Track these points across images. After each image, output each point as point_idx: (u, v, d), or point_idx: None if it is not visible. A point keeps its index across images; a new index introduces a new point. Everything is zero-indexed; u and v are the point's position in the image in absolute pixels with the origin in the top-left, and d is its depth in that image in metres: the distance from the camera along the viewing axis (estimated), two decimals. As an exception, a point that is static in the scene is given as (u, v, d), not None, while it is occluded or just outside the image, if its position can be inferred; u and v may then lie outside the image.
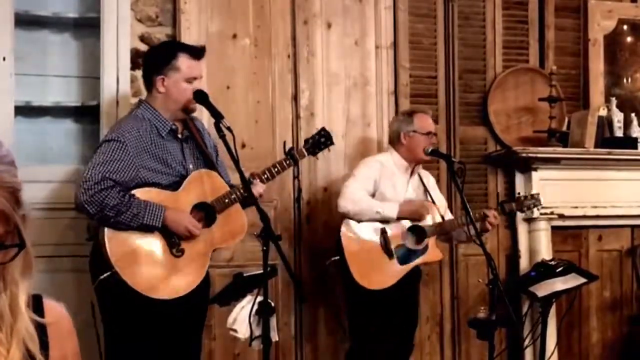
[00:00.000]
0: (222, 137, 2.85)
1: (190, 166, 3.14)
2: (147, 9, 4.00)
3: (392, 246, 3.71)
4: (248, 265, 3.85)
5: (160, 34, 3.99)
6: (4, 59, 3.59)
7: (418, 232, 3.78)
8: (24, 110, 3.77)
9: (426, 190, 3.91)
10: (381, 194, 3.78)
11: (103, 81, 3.74)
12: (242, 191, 3.10)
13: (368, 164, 3.85)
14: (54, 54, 3.87)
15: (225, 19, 4.05)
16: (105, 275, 2.92)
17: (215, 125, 2.87)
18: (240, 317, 3.04)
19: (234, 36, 4.07)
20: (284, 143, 3.46)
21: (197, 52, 3.18)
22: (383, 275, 3.68)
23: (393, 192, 3.80)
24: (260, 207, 2.84)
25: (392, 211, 3.71)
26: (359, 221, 3.70)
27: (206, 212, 3.10)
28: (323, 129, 3.53)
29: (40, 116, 3.86)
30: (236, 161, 2.83)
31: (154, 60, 3.20)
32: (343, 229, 3.70)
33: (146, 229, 2.94)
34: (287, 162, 3.30)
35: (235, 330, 3.07)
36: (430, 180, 4.02)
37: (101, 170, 2.91)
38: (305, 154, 3.42)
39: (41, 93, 3.83)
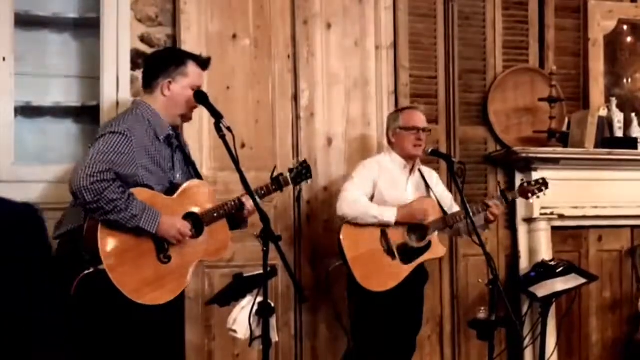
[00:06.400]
0: (222, 137, 2.84)
1: (178, 175, 3.12)
2: (147, 9, 4.00)
3: (394, 246, 3.68)
4: (248, 265, 3.85)
5: (160, 34, 4.00)
6: (4, 59, 3.59)
7: (420, 229, 3.76)
8: (24, 110, 3.77)
9: (428, 187, 3.89)
10: (380, 194, 3.76)
11: (103, 81, 3.74)
12: (232, 204, 3.12)
13: (366, 165, 3.83)
14: (54, 54, 3.88)
15: (225, 19, 4.05)
16: (89, 271, 2.84)
17: (215, 125, 2.86)
18: (240, 318, 3.04)
19: (234, 36, 4.07)
20: (274, 168, 3.45)
21: (204, 63, 3.19)
22: (386, 276, 3.66)
23: (392, 192, 3.78)
24: (261, 207, 2.83)
25: (390, 216, 3.67)
26: (357, 225, 3.67)
27: (194, 223, 3.09)
28: (304, 161, 3.53)
29: (40, 116, 3.86)
30: (236, 161, 2.82)
31: (162, 63, 3.15)
32: (342, 234, 3.67)
33: (139, 231, 2.90)
34: (273, 187, 3.32)
35: (235, 331, 3.07)
36: (433, 176, 3.98)
37: (106, 159, 2.84)
38: (290, 182, 3.41)
39: (41, 93, 3.83)
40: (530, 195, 3.86)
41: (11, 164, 3.61)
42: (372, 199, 3.76)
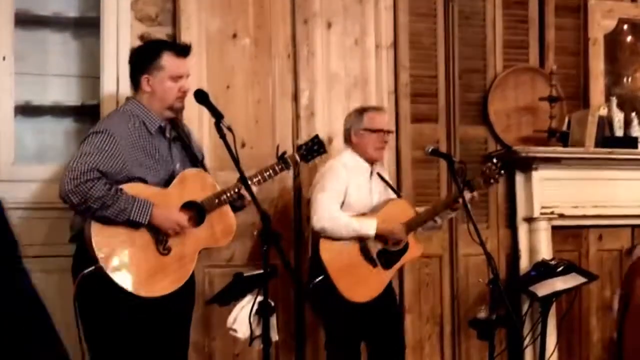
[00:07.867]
0: (222, 137, 2.83)
1: (178, 165, 3.11)
2: (147, 8, 4.00)
3: (373, 253, 3.63)
4: (248, 265, 3.85)
5: (160, 33, 3.99)
6: (4, 58, 3.60)
7: None
8: (24, 110, 3.77)
9: (387, 185, 3.84)
10: (348, 197, 3.67)
11: (103, 81, 3.74)
12: (232, 192, 3.10)
13: (335, 172, 3.67)
14: (54, 53, 3.88)
15: (225, 18, 4.05)
16: (88, 270, 2.83)
17: (215, 125, 2.85)
18: (240, 317, 3.04)
19: (234, 36, 4.07)
20: (277, 147, 3.42)
21: (181, 50, 3.13)
22: (370, 285, 3.62)
23: (360, 196, 3.70)
24: (261, 206, 2.83)
25: (369, 228, 3.58)
26: (335, 239, 3.58)
27: (195, 212, 3.08)
28: (316, 136, 3.45)
29: (40, 116, 3.86)
30: (236, 161, 2.82)
31: (138, 59, 3.15)
32: (321, 249, 3.58)
33: (132, 224, 2.89)
34: (280, 167, 3.26)
35: (235, 330, 3.07)
36: (386, 173, 3.93)
37: (88, 160, 2.86)
38: (298, 159, 3.35)
39: (41, 93, 3.83)
40: (492, 181, 3.73)
41: (11, 164, 3.61)
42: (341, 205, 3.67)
